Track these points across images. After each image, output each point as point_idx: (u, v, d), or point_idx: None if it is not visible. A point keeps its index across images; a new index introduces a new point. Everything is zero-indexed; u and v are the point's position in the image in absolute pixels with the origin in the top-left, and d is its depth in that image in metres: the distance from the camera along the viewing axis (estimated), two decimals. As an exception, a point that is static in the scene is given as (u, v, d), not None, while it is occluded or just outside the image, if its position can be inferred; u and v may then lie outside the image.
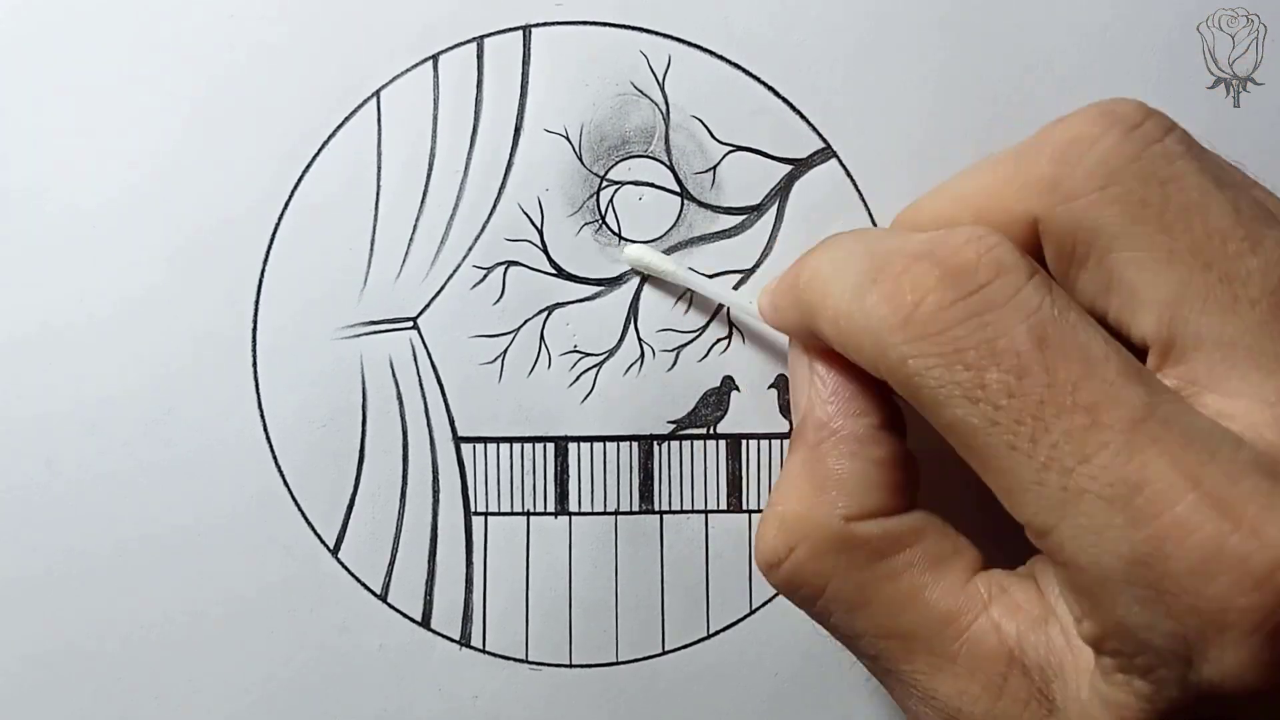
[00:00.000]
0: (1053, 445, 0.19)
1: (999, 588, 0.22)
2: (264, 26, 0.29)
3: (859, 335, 0.21)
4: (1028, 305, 0.20)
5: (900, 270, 0.21)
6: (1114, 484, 0.18)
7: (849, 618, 0.23)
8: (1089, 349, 0.19)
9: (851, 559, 0.23)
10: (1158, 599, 0.18)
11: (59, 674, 0.29)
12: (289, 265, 0.29)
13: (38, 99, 0.29)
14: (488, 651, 0.29)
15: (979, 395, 0.19)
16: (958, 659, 0.22)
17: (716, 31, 0.29)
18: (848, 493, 0.23)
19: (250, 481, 0.29)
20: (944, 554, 0.23)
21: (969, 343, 0.20)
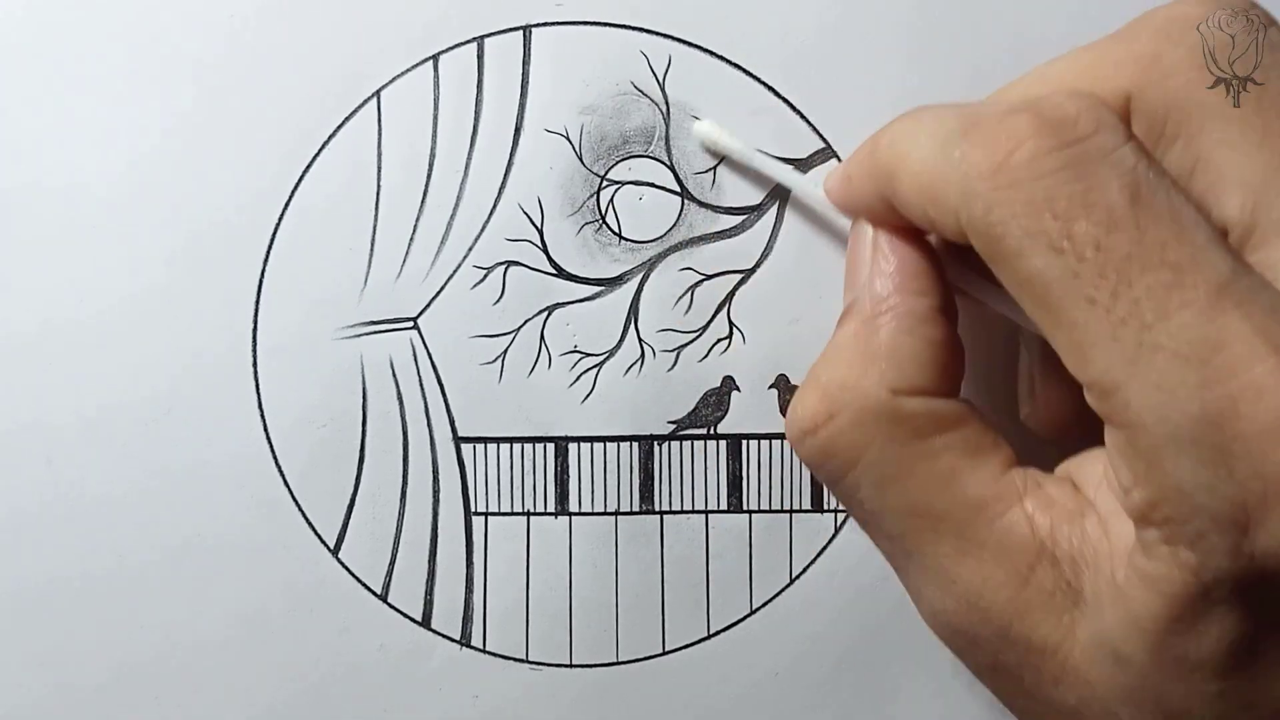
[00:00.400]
0: (1135, 300, 0.19)
1: (1035, 482, 0.22)
2: (264, 26, 0.29)
3: (943, 187, 0.21)
4: (1124, 163, 0.20)
5: (995, 122, 0.20)
6: (1193, 342, 0.18)
7: (879, 492, 0.23)
8: (1180, 214, 0.19)
9: (893, 432, 0.22)
10: (1222, 460, 0.18)
11: (59, 675, 0.29)
12: (289, 265, 0.29)
13: (37, 99, 0.29)
14: (488, 651, 0.29)
15: (1065, 245, 0.19)
16: (986, 545, 0.21)
17: (716, 31, 0.29)
18: (898, 366, 0.23)
19: (251, 482, 0.29)
20: (984, 444, 0.23)
21: (1062, 191, 0.19)
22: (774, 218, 0.29)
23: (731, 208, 0.29)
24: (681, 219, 0.29)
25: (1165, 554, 0.19)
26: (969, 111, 0.21)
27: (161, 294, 0.29)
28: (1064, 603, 0.21)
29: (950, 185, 0.21)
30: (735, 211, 0.29)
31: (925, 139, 0.22)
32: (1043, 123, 0.20)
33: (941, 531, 0.22)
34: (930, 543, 0.22)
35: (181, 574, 0.29)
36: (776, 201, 0.29)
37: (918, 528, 0.22)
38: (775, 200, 0.29)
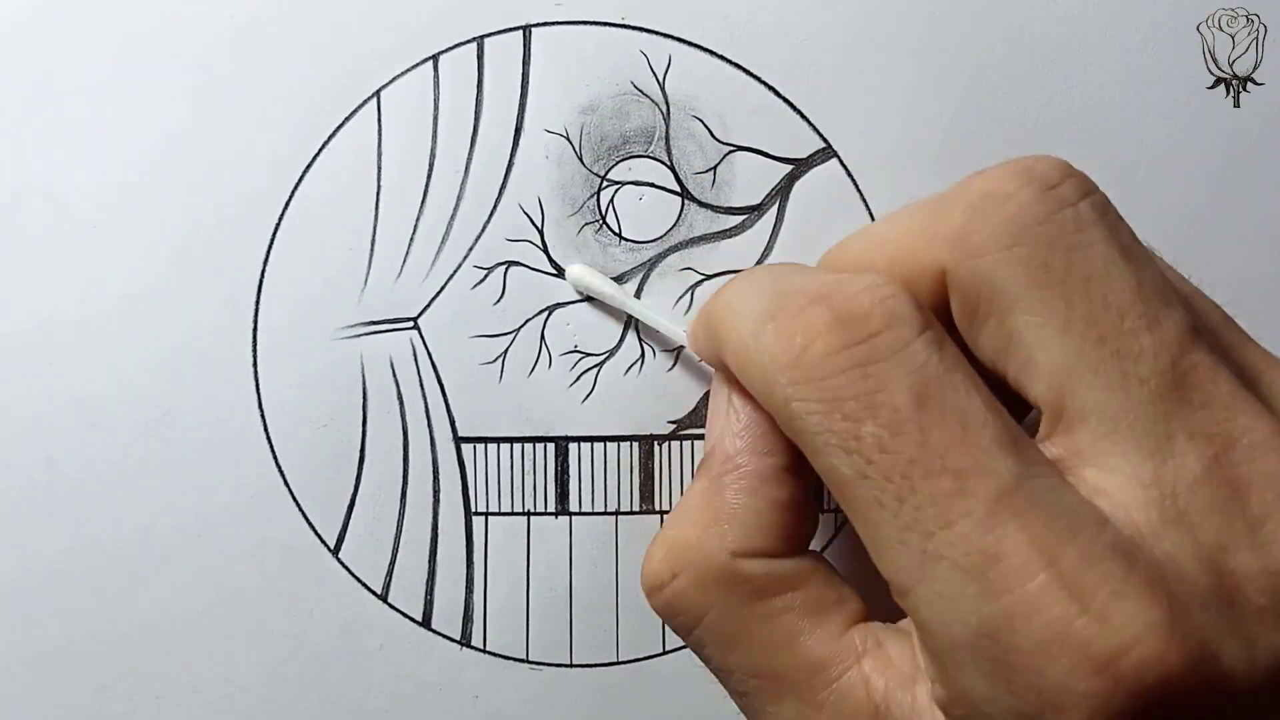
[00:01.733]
0: (917, 507, 0.19)
1: (875, 641, 0.22)
2: (264, 26, 0.29)
3: (752, 371, 0.21)
4: (913, 361, 0.20)
5: (795, 311, 0.21)
6: (971, 553, 0.18)
7: (722, 652, 0.23)
8: (968, 413, 0.19)
9: (732, 594, 0.23)
10: (1001, 673, 0.18)
11: (59, 674, 0.29)
12: (289, 265, 0.29)
13: (37, 99, 0.29)
14: (488, 651, 0.29)
15: (853, 446, 0.19)
16: (824, 708, 0.22)
17: (716, 31, 0.29)
18: (739, 528, 0.23)
19: (250, 481, 0.29)
20: (826, 602, 0.23)
21: (849, 392, 0.19)
22: (774, 218, 0.29)
23: (732, 208, 0.29)
24: (682, 219, 0.29)
25: None
26: (781, 290, 0.22)
27: (162, 293, 0.29)
28: None
29: (757, 371, 0.21)
30: (735, 211, 0.29)
31: (741, 318, 0.22)
32: (835, 318, 0.20)
33: (782, 693, 0.22)
34: (772, 702, 0.22)
35: (181, 573, 0.29)
36: (777, 201, 0.29)
37: (760, 689, 0.22)
38: (775, 200, 0.29)
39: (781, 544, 0.23)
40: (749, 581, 0.23)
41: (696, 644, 0.23)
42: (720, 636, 0.23)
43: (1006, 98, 0.29)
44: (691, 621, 0.23)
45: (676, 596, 0.23)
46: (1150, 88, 0.29)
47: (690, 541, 0.23)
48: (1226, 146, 0.29)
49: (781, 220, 0.29)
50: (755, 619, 0.22)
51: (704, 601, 0.23)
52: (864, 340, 0.20)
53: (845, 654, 0.22)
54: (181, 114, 0.29)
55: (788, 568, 0.23)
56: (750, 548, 0.23)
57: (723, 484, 0.23)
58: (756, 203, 0.29)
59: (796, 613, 0.22)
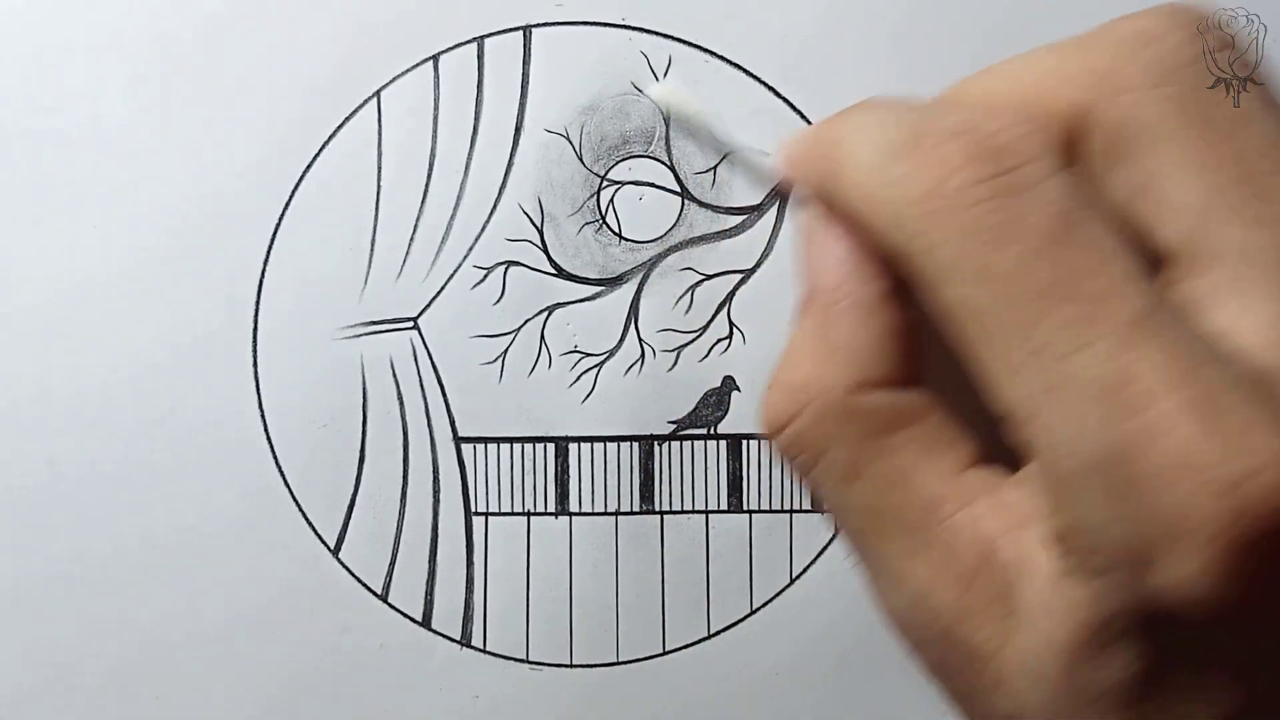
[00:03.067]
0: (1051, 330, 0.19)
1: (991, 484, 0.22)
2: (265, 26, 0.29)
3: (877, 205, 0.21)
4: (1051, 194, 0.20)
5: (931, 146, 0.20)
6: (1101, 376, 0.18)
7: (839, 488, 0.23)
8: (1104, 246, 0.19)
9: (853, 428, 0.22)
10: (1122, 498, 0.18)
11: (60, 674, 0.29)
12: (289, 265, 0.29)
13: (36, 96, 0.29)
14: (488, 651, 0.29)
15: (988, 273, 0.19)
16: (934, 545, 0.21)
17: (716, 31, 0.29)
18: (856, 359, 0.22)
19: (250, 481, 0.29)
20: (943, 440, 0.22)
21: (988, 221, 0.19)
22: (774, 218, 0.29)
23: (732, 208, 0.29)
24: (682, 219, 0.29)
25: (1075, 583, 0.19)
26: (913, 123, 0.21)
27: (162, 294, 0.29)
28: (1002, 611, 0.21)
29: (883, 205, 0.21)
30: (735, 211, 0.29)
31: (867, 148, 0.22)
32: (976, 150, 0.20)
33: (894, 530, 0.22)
34: (883, 541, 0.22)
35: (182, 573, 0.29)
36: (777, 201, 0.29)
37: (872, 526, 0.22)
38: (775, 200, 0.29)
39: (898, 372, 0.23)
40: (869, 415, 0.22)
41: (816, 482, 0.23)
42: (838, 473, 0.22)
43: (1006, 98, 0.29)
44: (813, 459, 0.23)
45: (797, 435, 0.23)
46: (1150, 88, 0.29)
47: (807, 378, 0.23)
48: (1226, 146, 0.29)
49: (781, 220, 0.29)
50: (873, 454, 0.22)
51: (823, 438, 0.22)
52: (1004, 173, 0.20)
53: (959, 493, 0.22)
54: (181, 114, 0.29)
55: (907, 400, 0.22)
56: (869, 378, 0.22)
57: (832, 316, 0.23)
58: (756, 203, 0.29)
59: (914, 448, 0.22)
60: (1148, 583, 0.18)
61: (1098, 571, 0.19)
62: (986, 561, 0.21)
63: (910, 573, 0.22)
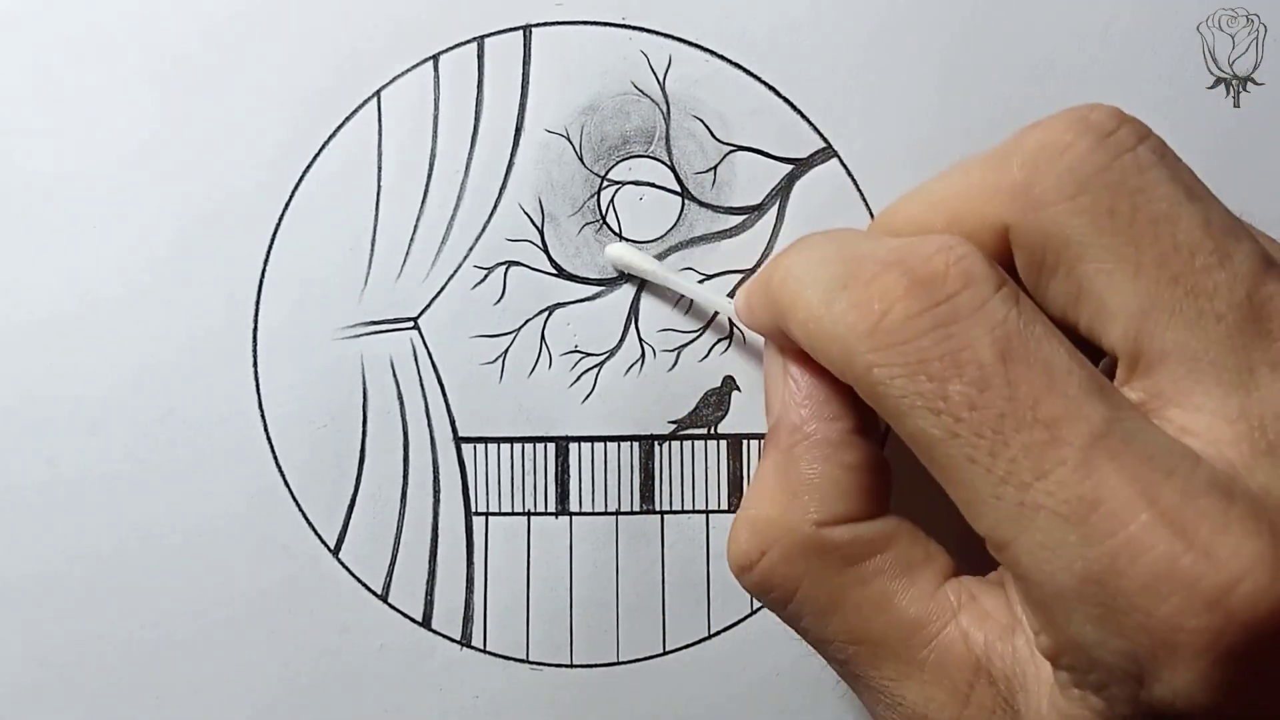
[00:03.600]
0: (1011, 460, 0.19)
1: (969, 595, 0.22)
2: (264, 26, 0.29)
3: (827, 341, 0.21)
4: (993, 317, 0.20)
5: (870, 277, 0.21)
6: (1069, 500, 0.18)
7: (819, 622, 0.23)
8: (1052, 363, 0.19)
9: (822, 564, 0.23)
10: (1110, 617, 0.18)
11: (59, 674, 0.29)
12: (289, 265, 0.29)
13: (36, 97, 0.29)
14: (488, 652, 0.29)
15: (940, 407, 0.19)
16: (925, 666, 0.22)
17: (716, 31, 0.29)
18: (820, 498, 0.23)
19: (250, 481, 0.29)
20: (915, 560, 0.23)
21: (933, 353, 0.19)
22: (774, 218, 0.29)
23: (732, 208, 0.29)
24: (682, 219, 0.29)
25: (1076, 696, 0.20)
26: (850, 256, 0.22)
27: (162, 294, 0.29)
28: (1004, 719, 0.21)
29: (833, 341, 0.21)
30: (736, 211, 0.29)
31: (809, 287, 0.22)
32: (912, 281, 0.20)
33: (882, 655, 0.22)
34: (872, 666, 0.22)
35: (181, 573, 0.29)
36: (777, 201, 0.29)
37: (859, 654, 0.23)
38: (775, 200, 0.29)
39: (863, 507, 0.23)
40: (837, 549, 0.23)
41: (793, 617, 0.23)
42: (815, 607, 0.23)
43: (1006, 98, 0.29)
44: (785, 596, 0.23)
45: (767, 574, 0.23)
46: (1150, 88, 0.29)
47: (772, 517, 0.23)
48: (1226, 146, 0.29)
49: (782, 220, 0.29)
50: (848, 585, 0.22)
51: (795, 575, 0.23)
52: (943, 301, 0.20)
53: (941, 611, 0.22)
54: (181, 114, 0.29)
55: (873, 530, 0.23)
56: (833, 515, 0.23)
57: (794, 456, 0.23)
58: (756, 203, 0.29)
59: (888, 574, 0.22)
60: (1147, 696, 0.18)
61: (1097, 686, 0.19)
62: (981, 673, 0.21)
63: (906, 695, 0.22)
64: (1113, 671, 0.19)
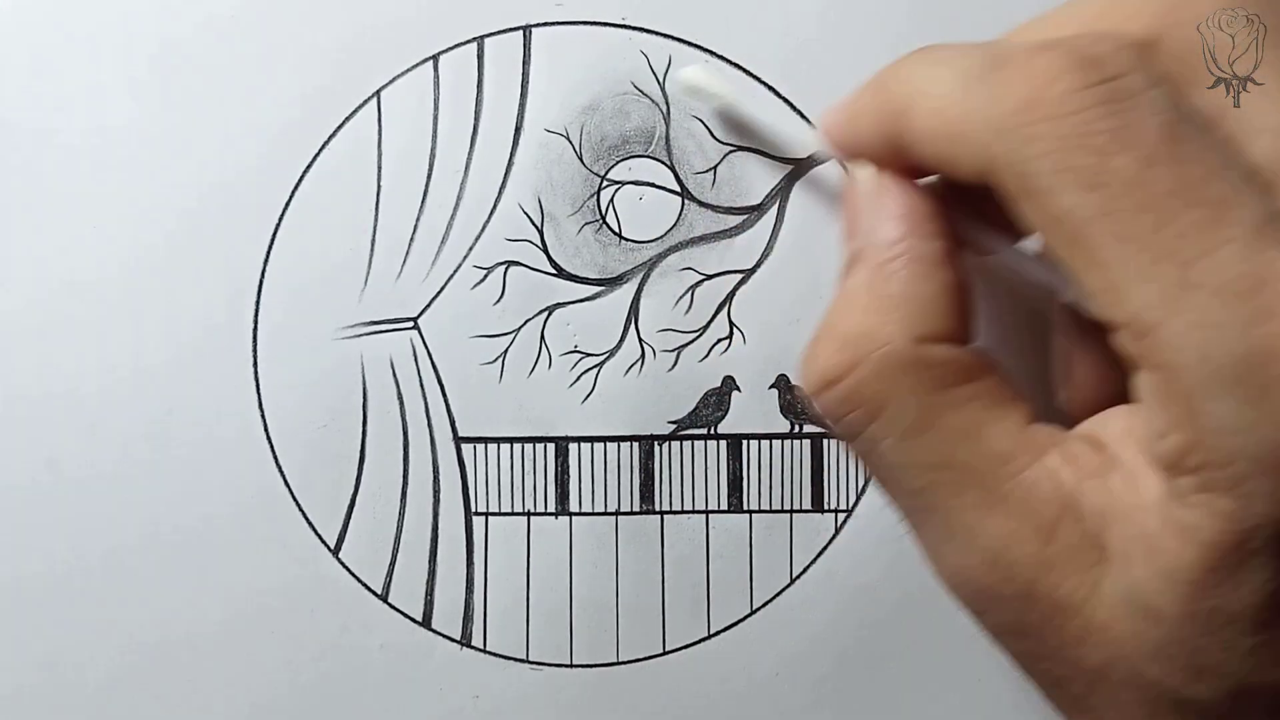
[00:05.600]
0: (1178, 234, 0.18)
1: (1057, 438, 0.22)
2: (264, 26, 0.29)
3: (970, 124, 0.20)
4: (1159, 102, 0.19)
5: (1026, 59, 0.20)
6: (1236, 278, 0.18)
7: (903, 444, 0.22)
8: (1216, 153, 0.19)
9: (917, 381, 0.22)
10: (1265, 401, 0.18)
11: (59, 675, 0.29)
12: (289, 265, 0.29)
13: (35, 97, 0.29)
14: (488, 651, 0.29)
15: (1101, 180, 0.19)
16: (1011, 499, 0.21)
17: (716, 31, 0.29)
18: (919, 312, 0.22)
19: (250, 481, 0.29)
20: (1005, 397, 0.22)
21: (1099, 126, 0.19)
22: (774, 218, 0.29)
23: (732, 208, 0.29)
24: (682, 219, 0.29)
25: (1201, 502, 0.19)
26: (993, 49, 0.21)
27: (162, 293, 0.29)
28: (1089, 558, 0.20)
29: (977, 121, 0.20)
30: (735, 211, 0.29)
31: (947, 74, 0.21)
32: (1076, 60, 0.19)
33: (965, 485, 0.21)
34: (953, 496, 0.21)
35: (181, 573, 0.29)
36: (777, 201, 0.29)
37: (941, 481, 0.22)
38: (775, 200, 0.29)
39: (960, 329, 0.22)
40: (933, 368, 0.22)
41: (872, 439, 0.22)
42: (903, 427, 0.22)
43: (1006, 98, 0.29)
44: (871, 414, 0.22)
45: (858, 387, 0.22)
46: (1150, 88, 0.29)
47: (867, 330, 0.22)
48: (1226, 146, 0.29)
49: (781, 220, 0.29)
50: (940, 408, 0.22)
51: (887, 391, 0.22)
52: (1110, 79, 0.19)
53: (1030, 447, 0.21)
54: (181, 114, 0.29)
55: (969, 356, 0.22)
56: (932, 332, 0.22)
57: (890, 270, 0.23)
58: (756, 203, 0.29)
59: (981, 403, 0.22)
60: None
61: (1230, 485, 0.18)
62: (1069, 511, 0.21)
63: (985, 529, 0.21)
64: (1258, 462, 0.18)
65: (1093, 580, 0.20)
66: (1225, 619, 0.19)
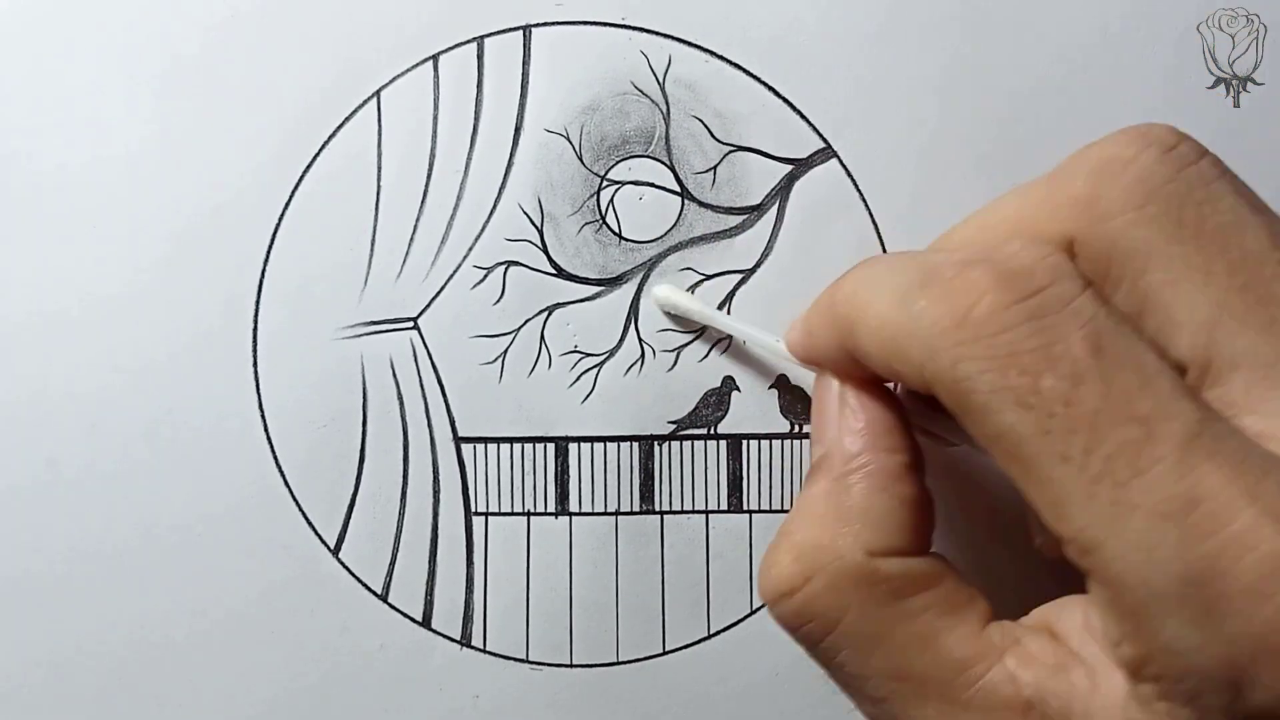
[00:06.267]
0: (1107, 457, 0.18)
1: (1013, 638, 0.22)
2: (264, 26, 0.29)
3: (906, 343, 0.21)
4: (1084, 313, 0.19)
5: (953, 275, 0.20)
6: (1169, 499, 0.18)
7: (860, 656, 0.22)
8: (1143, 362, 0.19)
9: (872, 594, 0.22)
10: (1210, 620, 0.18)
11: (59, 675, 0.29)
12: (289, 265, 0.29)
13: (35, 98, 0.29)
14: (488, 651, 0.29)
15: (1032, 402, 0.19)
16: (971, 706, 0.21)
17: (716, 31, 0.29)
18: (874, 527, 0.22)
19: (250, 481, 0.29)
20: (960, 601, 0.22)
21: (1025, 346, 0.19)
22: (774, 218, 0.29)
23: (731, 208, 0.29)
24: (681, 219, 0.29)
25: (1162, 710, 0.19)
26: (925, 263, 0.21)
27: (162, 293, 0.29)
28: None
29: (913, 340, 0.21)
30: (735, 211, 0.29)
31: (884, 292, 0.22)
32: (1000, 275, 0.20)
33: (926, 695, 0.22)
34: (915, 706, 0.22)
35: (181, 574, 0.29)
36: (777, 201, 0.29)
37: (901, 692, 0.22)
38: (775, 200, 0.29)
39: (914, 541, 0.23)
40: (887, 581, 0.22)
41: (830, 651, 0.23)
42: (858, 640, 0.22)
43: (1006, 98, 0.29)
44: (825, 627, 0.22)
45: (812, 600, 0.22)
46: (1150, 88, 0.29)
47: (822, 543, 0.22)
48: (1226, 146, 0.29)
49: (781, 220, 0.29)
50: (894, 620, 0.22)
51: (842, 604, 0.22)
52: (1034, 294, 0.19)
53: (987, 651, 0.21)
54: (181, 114, 0.29)
55: (922, 566, 0.22)
56: (886, 547, 0.22)
57: (848, 484, 0.23)
58: (756, 203, 0.29)
59: (935, 611, 0.22)
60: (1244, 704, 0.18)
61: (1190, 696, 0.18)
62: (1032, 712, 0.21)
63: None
64: (1208, 679, 0.18)
65: None
66: None
